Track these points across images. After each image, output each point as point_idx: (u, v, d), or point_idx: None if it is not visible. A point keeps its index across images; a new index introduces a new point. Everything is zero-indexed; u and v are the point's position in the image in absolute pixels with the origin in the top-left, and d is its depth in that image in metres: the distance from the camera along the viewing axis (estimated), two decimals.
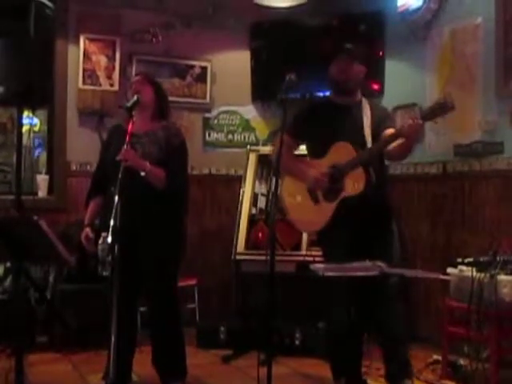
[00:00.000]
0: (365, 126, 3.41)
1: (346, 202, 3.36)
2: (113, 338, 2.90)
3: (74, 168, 5.38)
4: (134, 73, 5.15)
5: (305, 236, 4.98)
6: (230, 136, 5.98)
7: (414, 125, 3.13)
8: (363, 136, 3.40)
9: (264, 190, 5.31)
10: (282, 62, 5.38)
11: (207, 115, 5.90)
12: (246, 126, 6.02)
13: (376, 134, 3.39)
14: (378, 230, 3.43)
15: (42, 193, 5.29)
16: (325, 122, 3.51)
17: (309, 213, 3.55)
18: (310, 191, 3.52)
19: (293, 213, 3.66)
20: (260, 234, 5.11)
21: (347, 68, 3.48)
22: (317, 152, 3.56)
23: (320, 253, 3.75)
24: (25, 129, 5.23)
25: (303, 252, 4.95)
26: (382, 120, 3.42)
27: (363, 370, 3.71)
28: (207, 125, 5.90)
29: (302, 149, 3.74)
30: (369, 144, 3.39)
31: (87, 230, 3.60)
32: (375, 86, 5.23)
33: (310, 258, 4.60)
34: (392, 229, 3.58)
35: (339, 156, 3.40)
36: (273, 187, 3.05)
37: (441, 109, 3.07)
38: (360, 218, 3.36)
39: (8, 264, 4.50)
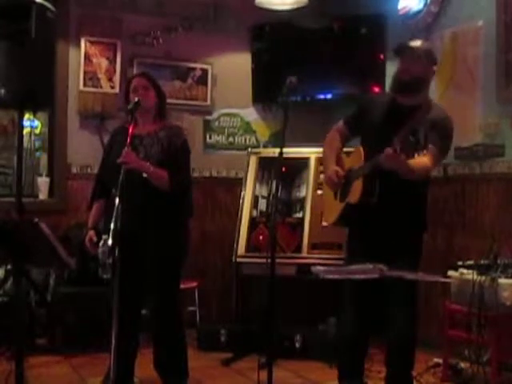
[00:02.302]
0: (402, 130, 3.13)
1: (352, 207, 3.34)
2: (113, 341, 2.89)
3: (75, 170, 5.39)
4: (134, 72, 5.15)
5: (305, 239, 4.99)
6: (231, 138, 5.98)
7: (387, 157, 2.97)
8: (392, 140, 3.10)
9: (265, 193, 5.31)
10: (282, 64, 5.37)
11: (208, 117, 5.90)
12: (247, 129, 6.02)
13: None
14: (389, 239, 3.31)
15: (42, 195, 5.29)
16: (377, 118, 3.37)
17: (329, 206, 3.57)
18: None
19: (324, 201, 3.71)
20: (261, 237, 5.10)
21: (410, 67, 3.28)
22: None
23: (320, 256, 3.76)
24: (26, 131, 5.25)
25: (304, 255, 4.95)
26: (426, 129, 3.01)
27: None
28: (208, 127, 5.90)
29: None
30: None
31: (91, 232, 3.60)
32: (376, 89, 5.23)
33: (311, 261, 4.62)
34: (407, 245, 3.34)
35: (354, 160, 3.37)
36: (274, 190, 3.05)
37: (414, 146, 2.86)
38: (367, 226, 3.32)
39: (8, 266, 4.50)
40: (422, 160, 3.07)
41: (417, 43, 3.40)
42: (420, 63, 3.28)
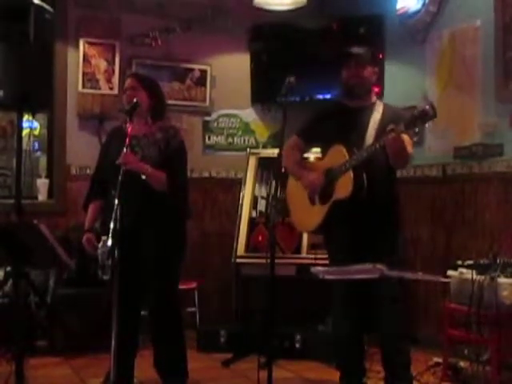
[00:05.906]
0: (369, 128, 3.41)
1: (339, 206, 3.37)
2: (113, 343, 2.89)
3: (74, 172, 5.39)
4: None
5: (305, 239, 4.99)
6: (230, 139, 5.98)
7: (392, 139, 3.15)
8: (364, 139, 3.39)
9: (264, 193, 5.31)
10: (281, 65, 5.38)
11: (207, 118, 5.90)
12: (246, 129, 6.02)
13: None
14: (378, 234, 3.41)
15: (41, 197, 5.29)
16: (334, 125, 3.52)
17: (306, 213, 3.59)
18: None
19: (293, 211, 3.73)
20: (260, 237, 5.10)
21: (358, 72, 3.48)
22: (324, 154, 3.60)
23: (320, 256, 3.78)
24: (25, 133, 5.22)
25: (303, 255, 4.95)
26: (391, 122, 3.27)
27: None
28: (207, 128, 5.90)
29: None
30: None
31: (88, 234, 3.60)
32: (375, 89, 5.22)
33: (310, 261, 4.61)
34: (393, 233, 3.51)
35: (334, 159, 3.43)
36: (273, 190, 3.06)
37: (422, 118, 3.04)
38: (356, 222, 3.37)
39: (8, 268, 4.50)
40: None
41: (359, 50, 3.55)
42: (366, 67, 3.51)
